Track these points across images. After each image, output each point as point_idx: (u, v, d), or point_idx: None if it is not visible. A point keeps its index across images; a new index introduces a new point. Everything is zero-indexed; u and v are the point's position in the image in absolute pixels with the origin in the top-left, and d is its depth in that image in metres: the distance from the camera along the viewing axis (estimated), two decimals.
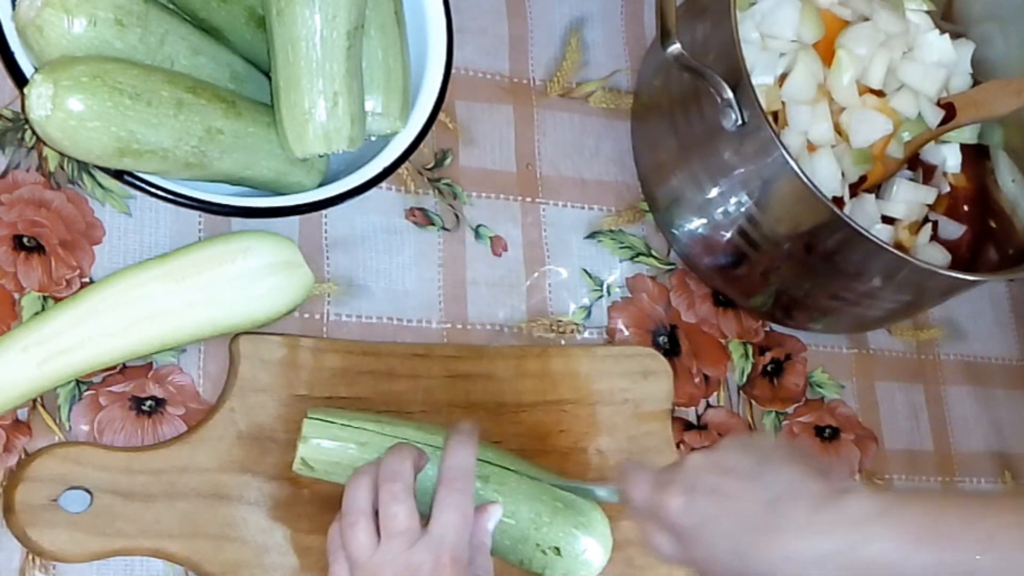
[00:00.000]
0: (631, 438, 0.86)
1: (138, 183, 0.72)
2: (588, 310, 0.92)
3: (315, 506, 0.76)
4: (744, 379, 0.95)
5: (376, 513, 0.69)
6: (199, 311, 0.74)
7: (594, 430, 0.85)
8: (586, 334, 0.91)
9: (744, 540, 0.64)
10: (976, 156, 1.00)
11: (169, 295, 0.73)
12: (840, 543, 0.62)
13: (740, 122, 0.80)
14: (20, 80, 0.69)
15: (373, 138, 0.79)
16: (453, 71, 0.83)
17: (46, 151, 0.78)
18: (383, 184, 0.83)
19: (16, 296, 0.75)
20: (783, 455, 0.68)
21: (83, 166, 0.79)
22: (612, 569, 0.80)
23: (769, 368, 0.96)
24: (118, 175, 0.72)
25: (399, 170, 0.80)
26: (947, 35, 0.95)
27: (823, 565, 0.62)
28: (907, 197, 0.94)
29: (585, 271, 0.93)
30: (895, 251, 0.81)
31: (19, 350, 0.70)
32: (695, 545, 0.66)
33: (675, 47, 0.81)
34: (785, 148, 0.79)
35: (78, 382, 0.75)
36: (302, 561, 0.75)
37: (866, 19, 0.92)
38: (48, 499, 0.69)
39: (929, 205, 0.96)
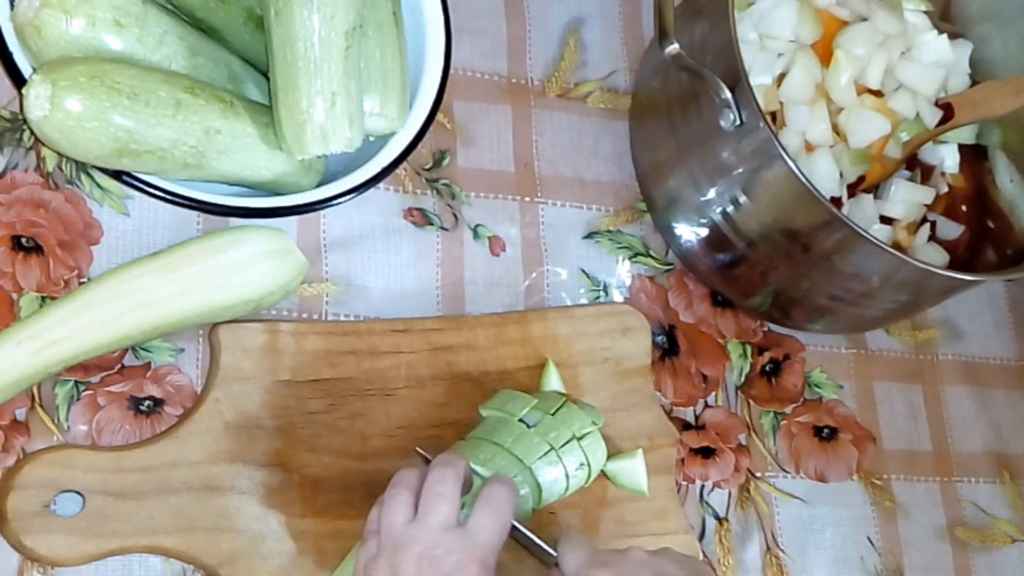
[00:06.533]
0: (614, 396, 0.87)
1: (136, 183, 0.72)
2: None
3: (307, 490, 0.76)
4: (742, 379, 0.95)
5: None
6: (191, 297, 0.74)
7: (577, 391, 0.86)
8: None
9: None
10: (974, 156, 1.00)
11: (161, 285, 0.73)
12: None
13: (738, 122, 0.80)
14: (18, 80, 0.69)
15: (371, 138, 0.79)
16: (451, 71, 0.83)
17: (44, 151, 0.78)
18: (381, 184, 0.83)
19: (14, 296, 0.75)
20: None
21: (81, 166, 0.79)
22: (604, 527, 0.82)
23: (767, 368, 0.96)
24: (116, 175, 0.72)
25: (397, 170, 0.80)
26: (945, 35, 0.95)
27: None
28: (905, 197, 0.94)
29: (583, 271, 0.93)
30: (893, 251, 0.81)
31: (13, 344, 0.70)
32: None
33: (673, 47, 0.81)
34: (783, 148, 0.79)
35: (76, 382, 0.75)
36: (298, 545, 0.75)
37: (864, 19, 0.92)
38: (40, 505, 0.69)
39: (927, 205, 0.96)
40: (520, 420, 0.78)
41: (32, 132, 0.67)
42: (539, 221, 0.93)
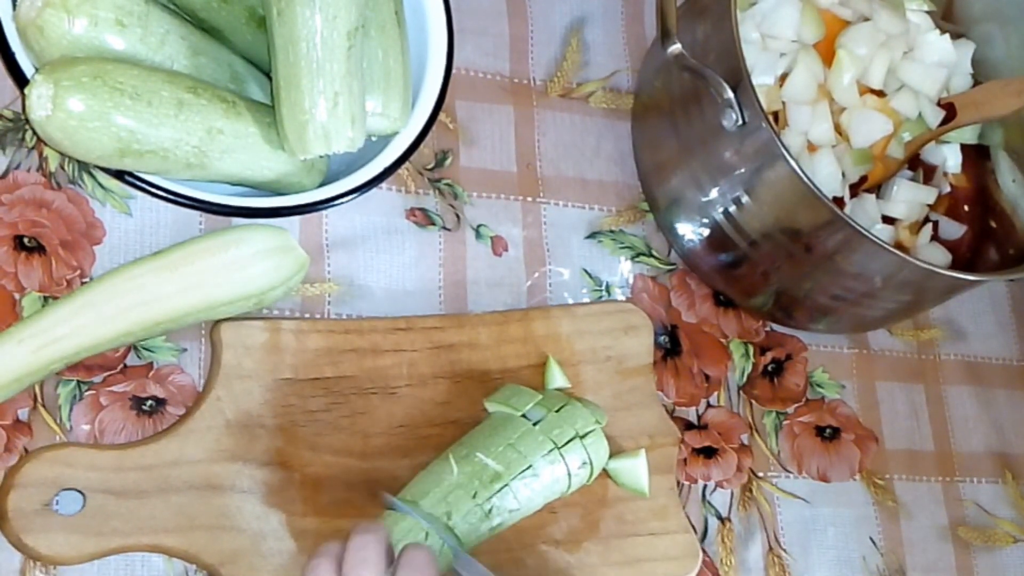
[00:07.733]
0: (616, 395, 0.87)
1: (139, 183, 0.72)
2: None
3: (308, 489, 0.76)
4: (744, 379, 0.95)
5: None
6: (193, 293, 0.74)
7: (579, 390, 0.86)
8: None
9: None
10: (976, 156, 1.00)
11: (163, 283, 0.73)
12: None
13: (740, 122, 0.80)
14: (21, 80, 0.69)
15: (373, 138, 0.79)
16: (453, 71, 0.83)
17: (47, 151, 0.79)
18: (384, 184, 0.83)
19: (17, 296, 0.75)
20: None
21: (84, 166, 0.79)
22: (604, 526, 0.82)
23: (770, 368, 0.96)
24: (119, 175, 0.72)
25: (399, 170, 0.80)
26: (947, 35, 0.95)
27: None
28: (907, 197, 0.94)
29: (585, 271, 0.93)
30: (896, 251, 0.81)
31: (15, 342, 0.70)
32: None
33: (675, 47, 0.81)
34: (785, 148, 0.79)
35: (79, 382, 0.75)
36: (299, 544, 0.75)
37: (866, 19, 0.92)
38: (41, 504, 0.69)
39: (929, 205, 0.96)
40: (523, 416, 0.78)
41: (34, 132, 0.68)
42: (541, 221, 0.93)
